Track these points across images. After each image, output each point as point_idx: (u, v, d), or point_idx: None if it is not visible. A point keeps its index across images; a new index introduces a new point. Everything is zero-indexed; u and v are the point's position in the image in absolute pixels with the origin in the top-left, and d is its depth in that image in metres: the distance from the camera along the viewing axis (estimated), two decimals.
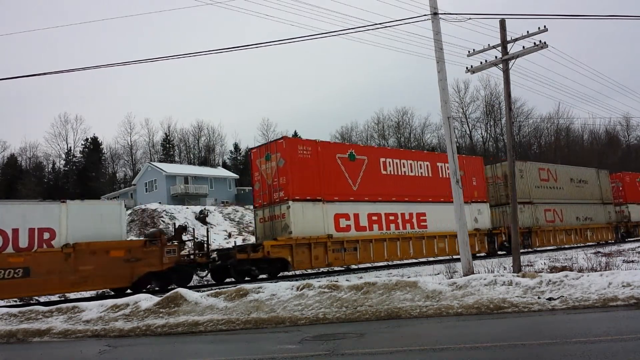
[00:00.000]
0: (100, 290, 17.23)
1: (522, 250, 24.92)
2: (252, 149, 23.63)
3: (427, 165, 25.43)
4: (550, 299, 8.95)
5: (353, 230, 21.12)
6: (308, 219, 19.63)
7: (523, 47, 14.02)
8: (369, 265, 24.62)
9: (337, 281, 11.97)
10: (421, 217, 24.32)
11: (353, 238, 20.93)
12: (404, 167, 24.36)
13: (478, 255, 25.74)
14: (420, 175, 24.96)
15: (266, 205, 20.37)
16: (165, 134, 74.51)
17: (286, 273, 20.78)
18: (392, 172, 23.63)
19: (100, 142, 72.11)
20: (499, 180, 29.78)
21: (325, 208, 20.49)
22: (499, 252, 27.30)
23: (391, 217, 22.92)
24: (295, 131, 77.93)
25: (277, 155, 20.03)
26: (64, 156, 72.24)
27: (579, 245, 33.12)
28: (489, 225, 27.77)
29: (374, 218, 22.26)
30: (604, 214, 36.73)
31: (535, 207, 30.78)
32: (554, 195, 32.68)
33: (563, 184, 33.70)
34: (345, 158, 21.70)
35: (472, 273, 12.80)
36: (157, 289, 17.46)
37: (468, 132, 71.22)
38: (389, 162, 23.67)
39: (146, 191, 56.12)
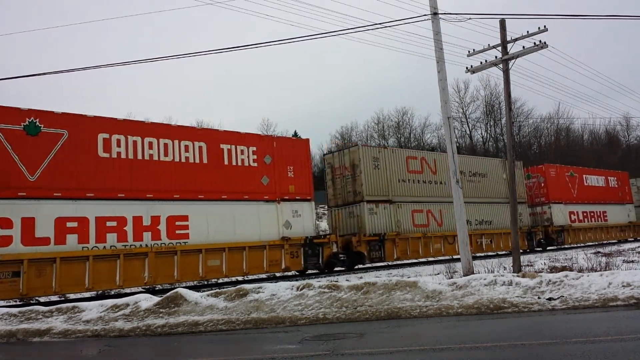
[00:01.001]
0: (101, 290, 17.20)
1: (358, 267, 22.10)
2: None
3: (200, 147, 17.81)
4: (550, 299, 8.95)
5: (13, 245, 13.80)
6: None
7: (523, 47, 14.04)
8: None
9: (337, 281, 11.97)
10: (178, 223, 16.73)
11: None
12: (150, 148, 16.72)
13: (286, 275, 20.98)
14: (184, 161, 17.32)
15: None
16: None
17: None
18: (122, 156, 16.08)
19: None
20: (347, 172, 23.13)
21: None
22: (322, 271, 20.88)
23: (109, 224, 15.46)
24: (295, 131, 77.94)
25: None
26: None
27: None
28: (311, 231, 20.22)
29: (70, 225, 14.81)
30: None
31: (397, 206, 23.78)
32: (429, 192, 25.56)
33: (446, 177, 23.93)
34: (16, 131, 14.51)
35: (472, 273, 12.81)
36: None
37: (468, 132, 71.23)
38: (118, 141, 16.09)
39: None
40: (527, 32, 13.78)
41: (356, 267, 22.72)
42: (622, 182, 40.84)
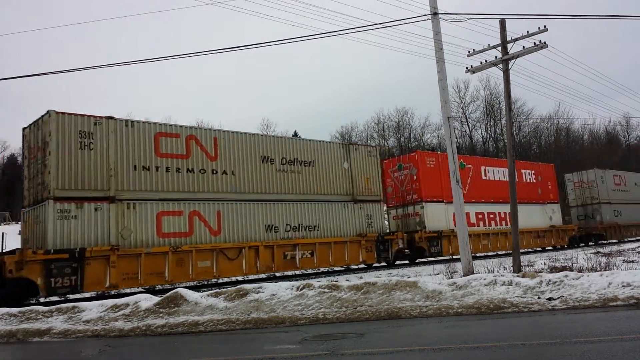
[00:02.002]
0: (101, 291, 17.15)
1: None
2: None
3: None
4: (550, 299, 8.95)
5: None
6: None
7: (523, 47, 14.03)
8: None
9: (337, 281, 11.98)
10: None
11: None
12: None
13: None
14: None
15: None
16: None
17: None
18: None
19: None
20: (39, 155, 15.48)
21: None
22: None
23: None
24: (295, 131, 77.92)
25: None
26: None
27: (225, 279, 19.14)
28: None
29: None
30: (356, 220, 21.80)
31: (129, 206, 15.84)
32: (207, 187, 17.72)
33: (235, 165, 18.56)
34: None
35: (472, 273, 12.80)
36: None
37: (468, 132, 71.25)
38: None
39: None
40: (527, 32, 13.77)
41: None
42: (545, 176, 33.65)
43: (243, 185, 18.80)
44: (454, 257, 24.41)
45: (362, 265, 23.05)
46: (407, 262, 24.95)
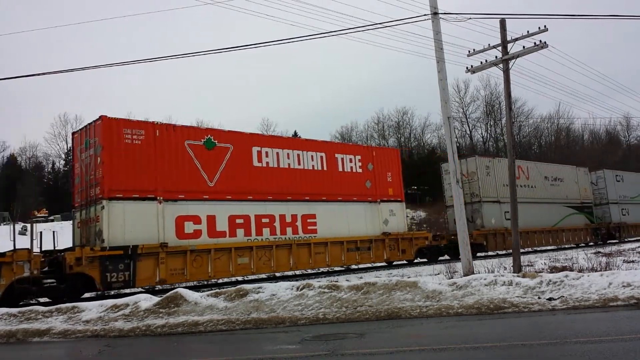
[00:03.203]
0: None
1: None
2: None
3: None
4: (550, 299, 8.94)
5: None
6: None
7: (523, 47, 14.02)
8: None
9: (337, 281, 11.98)
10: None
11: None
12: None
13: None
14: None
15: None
16: None
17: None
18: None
19: None
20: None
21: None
22: None
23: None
24: (295, 131, 77.94)
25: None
26: (63, 156, 72.18)
27: None
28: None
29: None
30: None
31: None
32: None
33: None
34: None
35: (473, 273, 12.80)
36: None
37: (468, 132, 71.27)
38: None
39: None
40: (527, 32, 13.76)
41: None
42: (380, 165, 23.33)
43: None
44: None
45: None
46: None
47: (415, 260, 24.02)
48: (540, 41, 13.82)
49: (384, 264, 23.47)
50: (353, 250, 21.32)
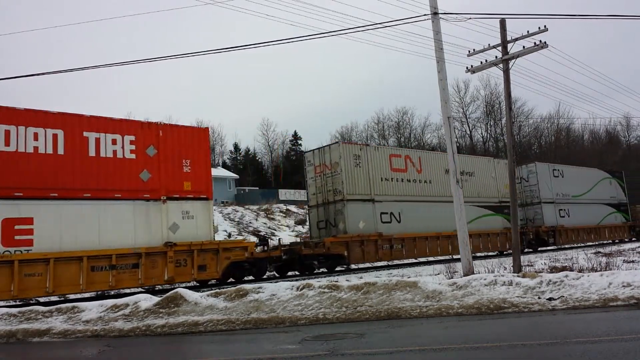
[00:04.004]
0: (101, 291, 17.17)
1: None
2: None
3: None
4: (550, 299, 8.94)
5: None
6: None
7: (523, 47, 14.03)
8: None
9: (337, 281, 11.98)
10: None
11: None
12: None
13: None
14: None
15: None
16: None
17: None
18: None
19: None
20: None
21: None
22: None
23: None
24: (295, 131, 77.99)
25: None
26: None
27: None
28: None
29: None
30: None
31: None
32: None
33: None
34: None
35: (472, 273, 12.79)
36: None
37: (468, 132, 71.24)
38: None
39: None
40: (527, 32, 13.77)
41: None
42: (171, 148, 17.35)
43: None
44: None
45: None
46: None
47: (229, 280, 18.43)
48: (540, 41, 13.83)
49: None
50: (105, 269, 15.02)
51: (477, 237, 26.50)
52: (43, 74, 14.31)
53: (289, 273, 20.97)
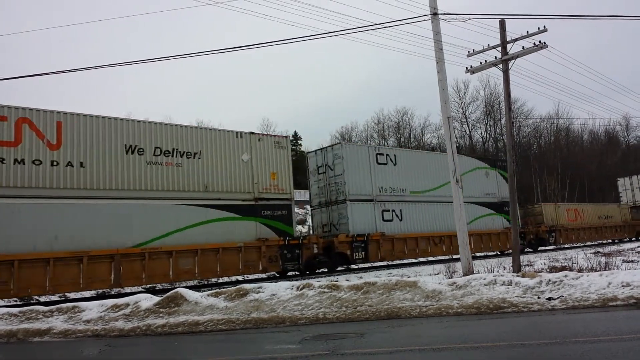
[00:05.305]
0: (101, 290, 17.20)
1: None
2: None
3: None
4: (550, 298, 8.96)
5: None
6: None
7: (523, 47, 14.05)
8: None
9: (337, 281, 11.99)
10: None
11: None
12: None
13: None
14: None
15: None
16: None
17: None
18: None
19: None
20: None
21: None
22: None
23: None
24: (295, 131, 77.93)
25: None
26: None
27: None
28: None
29: None
30: None
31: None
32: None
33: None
34: None
35: (472, 273, 12.82)
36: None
37: (468, 132, 71.19)
38: None
39: None
40: (527, 32, 13.79)
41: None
42: None
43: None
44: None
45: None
46: None
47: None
48: (540, 41, 13.85)
49: None
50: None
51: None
52: (43, 74, 14.31)
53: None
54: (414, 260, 25.46)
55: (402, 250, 24.22)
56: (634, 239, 43.64)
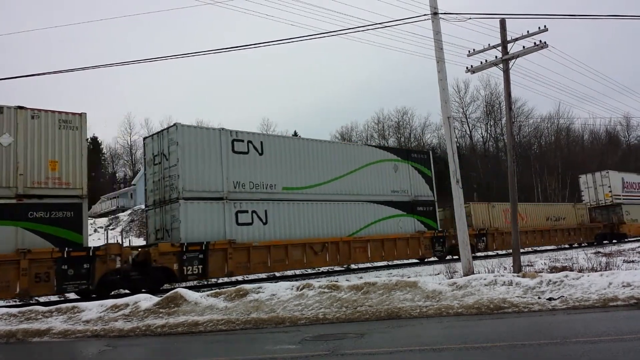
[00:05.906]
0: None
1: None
2: None
3: None
4: (550, 299, 8.94)
5: None
6: None
7: (523, 47, 14.04)
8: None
9: (337, 281, 11.98)
10: None
11: None
12: None
13: None
14: None
15: None
16: None
17: None
18: None
19: (100, 142, 72.03)
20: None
21: None
22: None
23: None
24: (295, 131, 77.92)
25: None
26: None
27: None
28: None
29: None
30: None
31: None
32: None
33: None
34: None
35: (472, 273, 12.80)
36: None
37: (468, 132, 71.14)
38: None
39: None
40: (527, 32, 13.77)
41: None
42: None
43: None
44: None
45: None
46: None
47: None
48: (540, 41, 13.84)
49: None
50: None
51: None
52: (43, 74, 14.33)
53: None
54: (414, 261, 25.15)
55: (263, 261, 18.33)
56: (594, 243, 36.79)
